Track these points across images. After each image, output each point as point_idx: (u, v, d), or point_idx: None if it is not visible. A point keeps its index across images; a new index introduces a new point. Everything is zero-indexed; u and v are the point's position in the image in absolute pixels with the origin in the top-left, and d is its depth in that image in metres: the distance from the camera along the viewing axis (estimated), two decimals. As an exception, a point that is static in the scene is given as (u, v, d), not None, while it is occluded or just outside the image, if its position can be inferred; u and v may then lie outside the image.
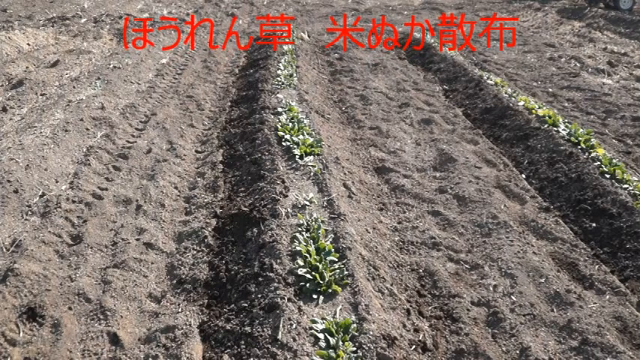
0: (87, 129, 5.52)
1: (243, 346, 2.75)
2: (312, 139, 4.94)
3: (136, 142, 5.38)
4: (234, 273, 3.41)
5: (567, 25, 12.49)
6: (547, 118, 5.95)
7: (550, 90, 7.83)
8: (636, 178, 4.82)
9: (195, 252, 3.72)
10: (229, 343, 2.84)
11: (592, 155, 5.11)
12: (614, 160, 4.98)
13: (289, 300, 2.95)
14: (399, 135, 5.98)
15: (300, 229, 3.64)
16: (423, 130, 6.16)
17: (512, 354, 2.98)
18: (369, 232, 3.95)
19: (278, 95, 6.34)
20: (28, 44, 8.99)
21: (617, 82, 8.25)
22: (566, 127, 5.74)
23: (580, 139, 5.41)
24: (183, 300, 3.27)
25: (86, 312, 3.11)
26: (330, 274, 3.15)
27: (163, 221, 4.12)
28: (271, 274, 3.15)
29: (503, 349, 3.02)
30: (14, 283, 3.15)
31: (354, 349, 2.65)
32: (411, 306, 3.30)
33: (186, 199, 4.52)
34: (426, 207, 4.54)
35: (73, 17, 11.16)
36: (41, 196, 4.25)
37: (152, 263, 3.61)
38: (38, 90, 6.72)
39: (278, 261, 3.27)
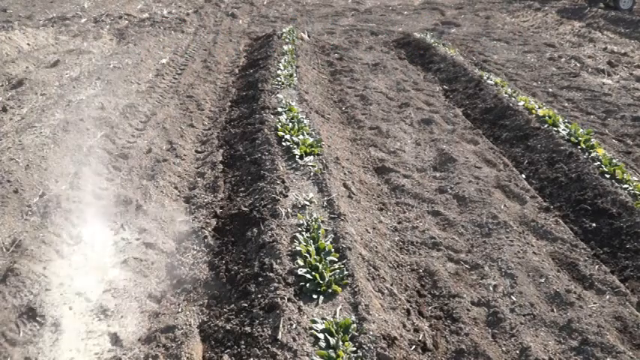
0: (87, 129, 5.51)
1: (243, 346, 2.75)
2: (312, 139, 4.94)
3: (136, 142, 5.38)
4: (234, 273, 3.41)
5: (567, 25, 12.49)
6: (547, 118, 5.95)
7: (550, 90, 7.83)
8: (636, 178, 4.82)
9: (195, 252, 3.72)
10: (229, 343, 2.84)
11: (592, 155, 5.11)
12: (614, 160, 4.98)
13: (289, 300, 2.95)
14: (399, 135, 5.98)
15: (300, 229, 3.64)
16: (423, 130, 6.16)
17: (512, 354, 2.98)
18: (369, 232, 3.95)
19: (278, 95, 6.34)
20: (28, 44, 9.00)
21: (617, 82, 8.25)
22: (566, 127, 5.74)
23: (580, 139, 5.41)
24: (183, 300, 3.27)
25: (86, 312, 3.11)
26: (330, 274, 3.15)
27: (163, 221, 4.12)
28: (271, 274, 3.15)
29: (503, 349, 3.02)
30: (14, 283, 3.15)
31: (354, 349, 2.65)
32: (411, 306, 3.30)
33: (186, 199, 4.52)
34: (426, 207, 4.54)
35: (73, 17, 11.16)
36: (41, 196, 4.24)
37: (152, 263, 3.61)
38: (38, 90, 6.72)
39: (278, 261, 3.27)
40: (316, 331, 2.76)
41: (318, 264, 3.20)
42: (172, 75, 7.80)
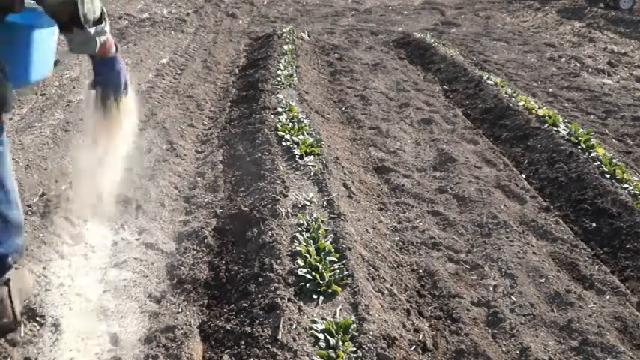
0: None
1: (243, 346, 2.75)
2: (312, 139, 4.94)
3: (135, 142, 5.37)
4: (234, 273, 3.41)
5: (567, 25, 12.49)
6: (547, 118, 5.95)
7: (550, 90, 7.83)
8: (636, 178, 4.82)
9: (195, 252, 3.72)
10: (229, 343, 2.84)
11: (592, 155, 5.11)
12: (614, 160, 4.98)
13: (289, 300, 2.95)
14: (399, 135, 5.98)
15: (300, 229, 3.64)
16: (423, 130, 6.16)
17: (512, 354, 2.98)
18: (369, 232, 3.95)
19: (278, 95, 6.34)
20: (28, 44, 8.99)
21: (617, 82, 8.26)
22: (566, 127, 5.74)
23: (580, 139, 5.41)
24: (183, 300, 3.27)
25: (86, 312, 3.11)
26: (330, 274, 3.15)
27: (163, 221, 4.12)
28: (271, 274, 3.15)
29: (503, 349, 3.02)
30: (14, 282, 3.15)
31: (354, 349, 2.65)
32: (411, 306, 3.30)
33: (186, 199, 4.51)
34: (426, 207, 4.54)
35: (73, 17, 11.16)
36: (41, 196, 4.24)
37: (152, 263, 3.61)
38: (38, 90, 6.73)
39: (278, 261, 3.27)
40: (316, 331, 2.76)
41: (318, 264, 3.20)
42: (172, 75, 7.80)
